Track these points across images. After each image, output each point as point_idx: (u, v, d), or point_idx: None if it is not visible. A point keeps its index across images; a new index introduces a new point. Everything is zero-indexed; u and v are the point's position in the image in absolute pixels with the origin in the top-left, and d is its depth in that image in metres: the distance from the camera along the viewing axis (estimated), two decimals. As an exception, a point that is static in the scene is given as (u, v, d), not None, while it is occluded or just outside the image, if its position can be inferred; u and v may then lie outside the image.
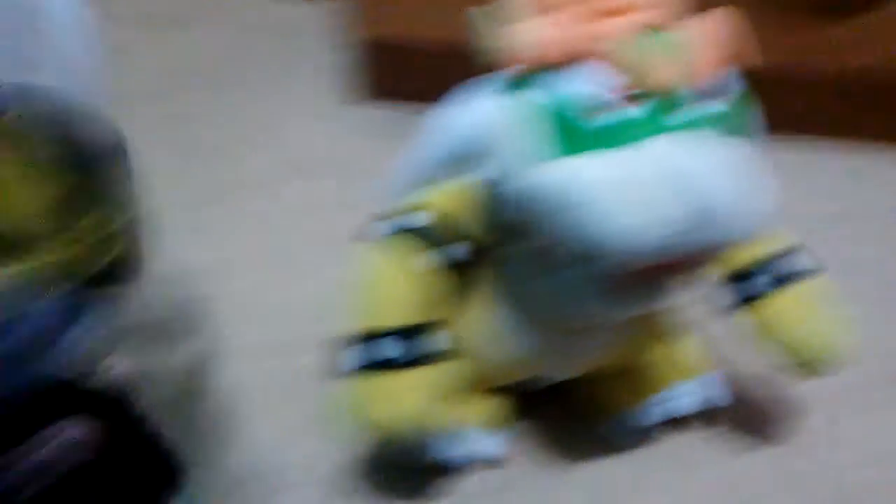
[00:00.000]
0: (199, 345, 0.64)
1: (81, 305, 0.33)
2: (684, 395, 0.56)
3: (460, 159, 0.49)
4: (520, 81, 0.42)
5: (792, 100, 0.94)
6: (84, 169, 0.33)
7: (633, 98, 0.38)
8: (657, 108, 0.37)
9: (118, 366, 0.39)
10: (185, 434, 0.54)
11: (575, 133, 0.38)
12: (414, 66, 1.00)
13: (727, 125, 0.38)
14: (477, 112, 0.47)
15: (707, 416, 0.59)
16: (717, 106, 0.38)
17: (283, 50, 1.16)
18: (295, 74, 1.10)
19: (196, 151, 0.92)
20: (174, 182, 0.86)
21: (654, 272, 0.40)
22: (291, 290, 0.71)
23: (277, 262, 0.74)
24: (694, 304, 0.57)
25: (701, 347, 0.58)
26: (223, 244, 0.77)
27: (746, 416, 0.59)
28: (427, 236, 0.47)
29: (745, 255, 0.52)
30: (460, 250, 0.48)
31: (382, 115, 1.02)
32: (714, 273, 0.54)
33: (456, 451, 0.53)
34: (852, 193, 0.86)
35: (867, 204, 0.84)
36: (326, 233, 0.77)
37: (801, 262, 0.51)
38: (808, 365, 0.50)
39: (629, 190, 0.36)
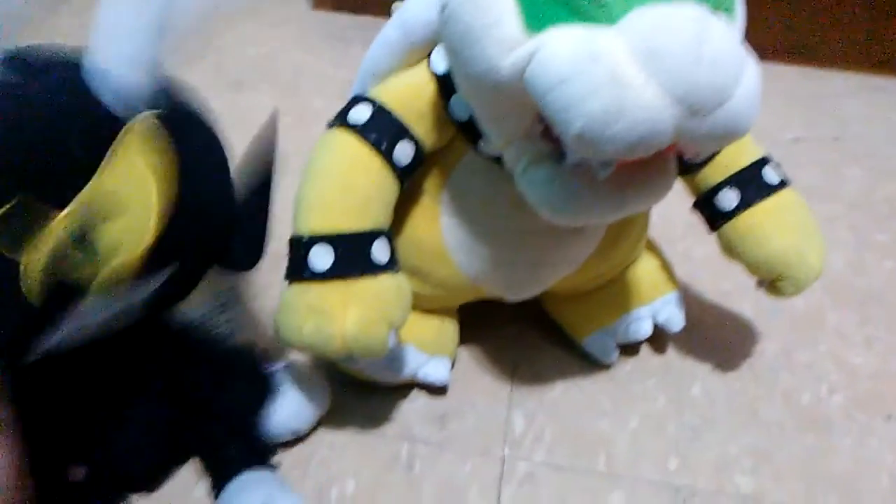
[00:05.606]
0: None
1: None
2: (644, 319, 0.53)
3: (418, 42, 0.43)
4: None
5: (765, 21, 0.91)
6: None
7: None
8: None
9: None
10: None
11: (543, 5, 0.33)
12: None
13: (713, 2, 0.33)
14: None
15: (662, 339, 0.56)
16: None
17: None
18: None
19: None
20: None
21: (632, 167, 0.36)
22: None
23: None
24: (656, 223, 0.54)
25: (663, 267, 0.55)
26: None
27: (701, 339, 0.57)
28: (369, 132, 0.41)
29: (715, 167, 0.48)
30: (406, 151, 0.42)
31: (344, 22, 0.96)
32: (683, 185, 0.50)
33: (398, 373, 0.49)
34: (809, 119, 0.84)
35: (820, 130, 0.83)
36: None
37: (772, 175, 0.48)
38: (781, 281, 0.47)
39: (600, 70, 0.31)
